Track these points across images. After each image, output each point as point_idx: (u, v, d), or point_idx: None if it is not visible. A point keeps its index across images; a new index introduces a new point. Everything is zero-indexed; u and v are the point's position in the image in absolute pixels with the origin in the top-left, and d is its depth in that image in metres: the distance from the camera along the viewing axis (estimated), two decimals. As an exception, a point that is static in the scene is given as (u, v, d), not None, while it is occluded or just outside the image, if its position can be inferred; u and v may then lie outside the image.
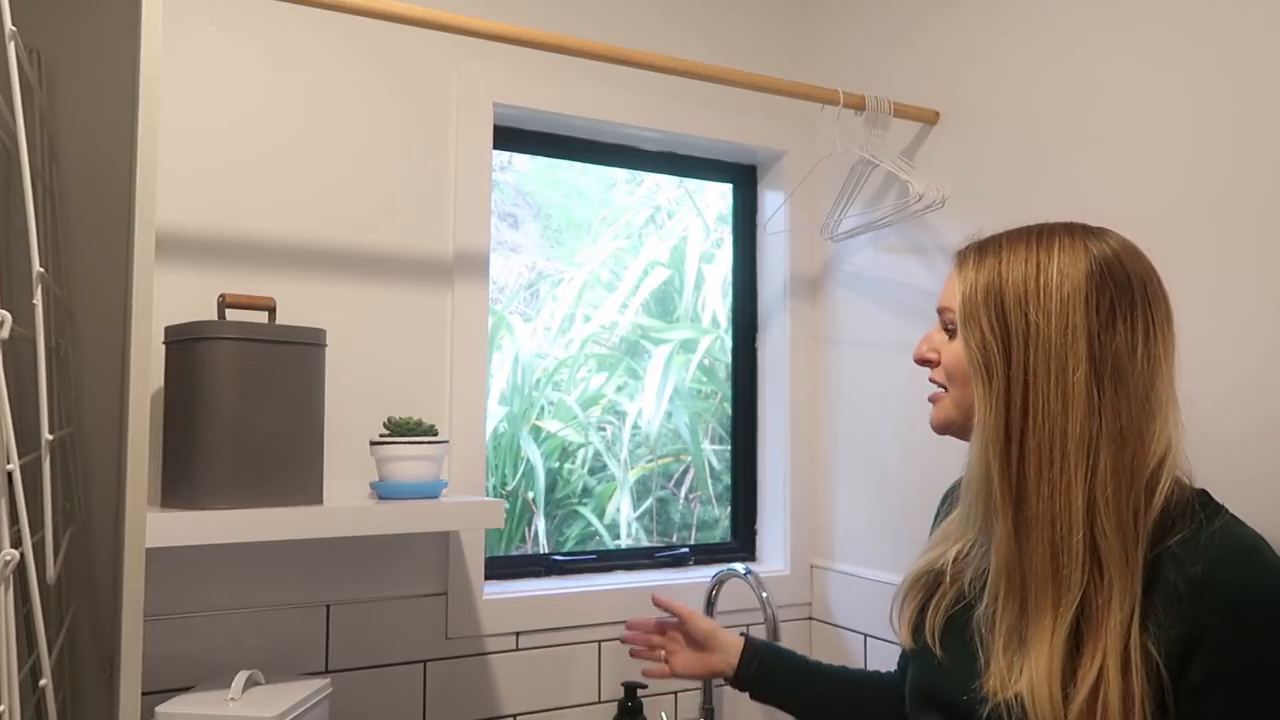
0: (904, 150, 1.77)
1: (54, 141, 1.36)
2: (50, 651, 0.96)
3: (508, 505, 1.74)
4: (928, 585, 1.04)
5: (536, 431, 2.07)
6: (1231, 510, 0.88)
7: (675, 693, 1.83)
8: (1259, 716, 0.79)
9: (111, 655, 1.21)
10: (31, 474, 0.91)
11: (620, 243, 2.18)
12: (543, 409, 2.08)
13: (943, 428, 1.03)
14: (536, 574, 1.84)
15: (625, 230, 2.19)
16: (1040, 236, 0.95)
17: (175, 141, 1.47)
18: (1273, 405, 1.21)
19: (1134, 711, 0.80)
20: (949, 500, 1.16)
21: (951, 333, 1.00)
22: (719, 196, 2.15)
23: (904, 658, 1.21)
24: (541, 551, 1.99)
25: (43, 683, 0.89)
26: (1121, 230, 1.38)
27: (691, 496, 2.20)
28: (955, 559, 1.01)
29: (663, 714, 1.75)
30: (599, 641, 1.76)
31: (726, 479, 2.10)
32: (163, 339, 1.38)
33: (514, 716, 1.68)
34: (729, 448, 2.10)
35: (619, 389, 2.17)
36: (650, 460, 2.18)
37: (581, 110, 1.79)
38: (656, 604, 1.43)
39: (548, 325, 2.08)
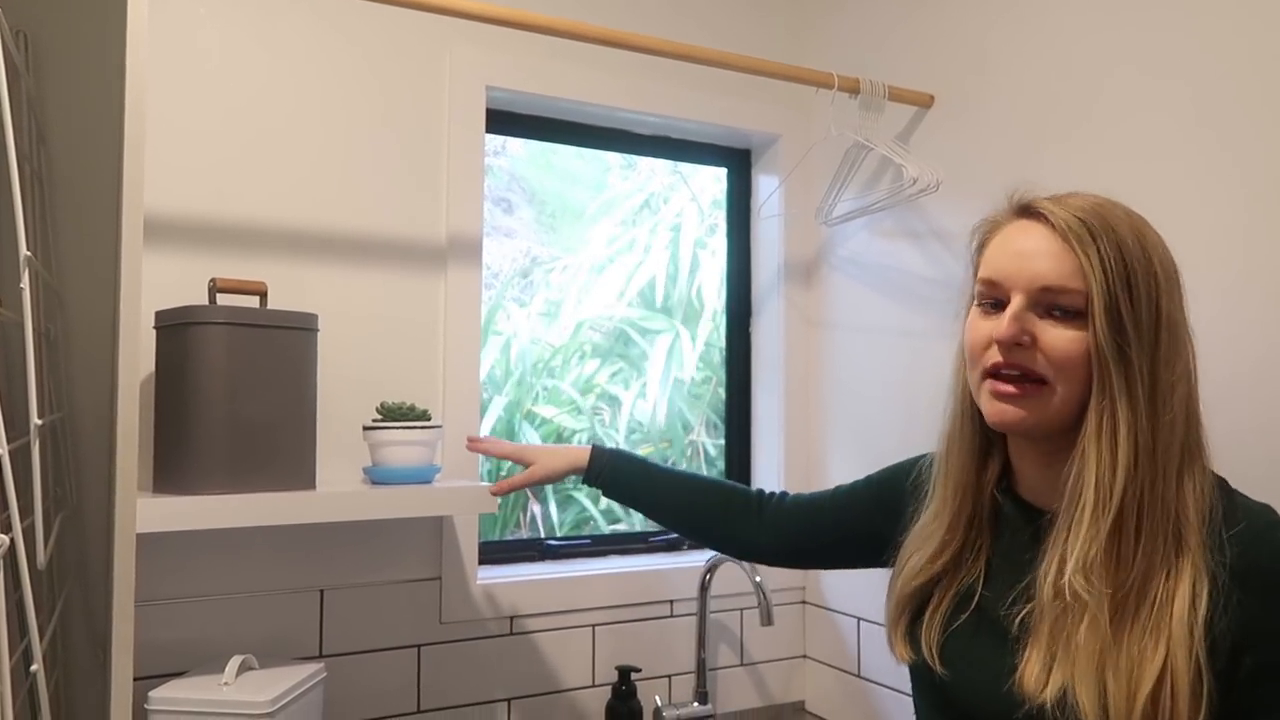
0: (899, 134, 1.76)
1: (41, 125, 1.35)
2: (42, 637, 0.96)
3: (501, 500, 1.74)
4: (918, 596, 0.98)
5: (532, 417, 2.07)
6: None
7: (669, 676, 1.83)
8: None
9: (104, 640, 1.22)
10: (21, 459, 0.91)
11: (614, 229, 2.17)
12: (538, 395, 2.08)
13: (1030, 429, 0.88)
14: (531, 558, 1.84)
15: (620, 215, 2.18)
16: (1129, 214, 0.88)
17: (166, 125, 1.46)
18: (1270, 389, 1.21)
19: (1201, 703, 0.77)
20: (915, 473, 1.08)
21: (1064, 318, 0.85)
22: (713, 181, 2.14)
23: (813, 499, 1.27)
24: (536, 536, 1.99)
25: (34, 668, 0.89)
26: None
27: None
28: (947, 568, 0.96)
29: (656, 698, 1.75)
30: (593, 625, 1.77)
31: (721, 464, 2.10)
32: (153, 324, 1.37)
33: (508, 700, 1.69)
34: (723, 434, 2.10)
35: (614, 375, 2.16)
36: (647, 445, 2.18)
37: (575, 94, 1.78)
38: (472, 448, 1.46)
39: (542, 311, 2.08)
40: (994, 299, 0.89)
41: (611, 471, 1.35)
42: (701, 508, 1.33)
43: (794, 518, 1.28)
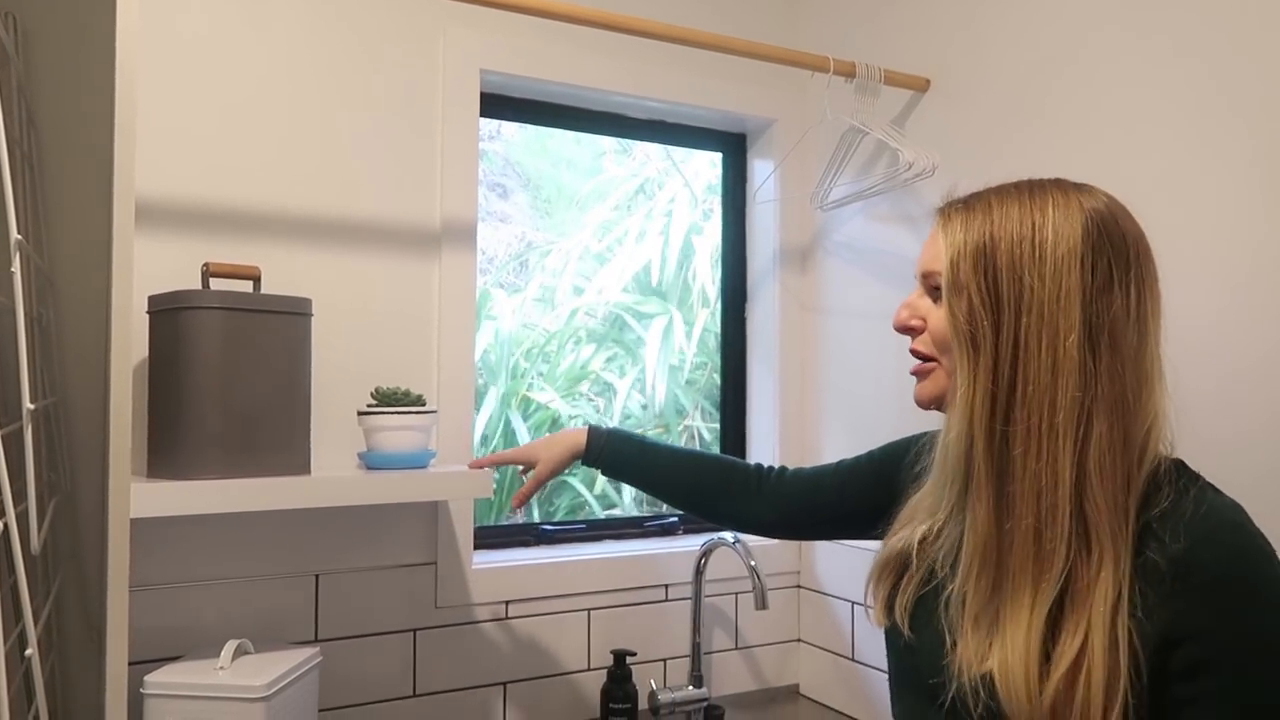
0: (894, 118, 1.76)
1: (32, 108, 1.34)
2: (37, 622, 0.96)
3: (497, 476, 1.74)
4: (899, 565, 0.99)
5: (526, 404, 2.07)
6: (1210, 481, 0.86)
7: (664, 660, 1.84)
8: (1248, 698, 0.77)
9: (99, 625, 1.22)
10: (14, 444, 0.91)
11: (609, 214, 2.16)
12: (531, 382, 2.08)
13: (933, 402, 0.95)
14: (526, 543, 1.84)
15: (614, 201, 2.18)
16: (1033, 194, 0.88)
17: (157, 108, 1.45)
18: (1257, 369, 1.21)
19: (1117, 692, 0.76)
20: (914, 450, 1.09)
21: (938, 299, 0.92)
22: (708, 166, 2.13)
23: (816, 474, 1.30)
24: (531, 521, 2.00)
25: (29, 652, 0.89)
26: (1121, 197, 1.38)
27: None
28: (924, 538, 0.97)
29: (651, 681, 1.76)
30: (588, 610, 1.77)
31: (716, 450, 2.10)
32: (146, 309, 1.37)
33: (504, 685, 1.69)
34: (718, 420, 2.10)
35: (608, 360, 2.16)
36: (641, 431, 2.19)
37: (570, 77, 1.77)
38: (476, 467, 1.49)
39: (537, 296, 2.07)
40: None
41: (610, 452, 1.38)
42: (702, 485, 1.35)
43: (795, 492, 1.31)
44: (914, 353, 0.95)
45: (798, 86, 1.98)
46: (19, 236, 0.84)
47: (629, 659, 1.70)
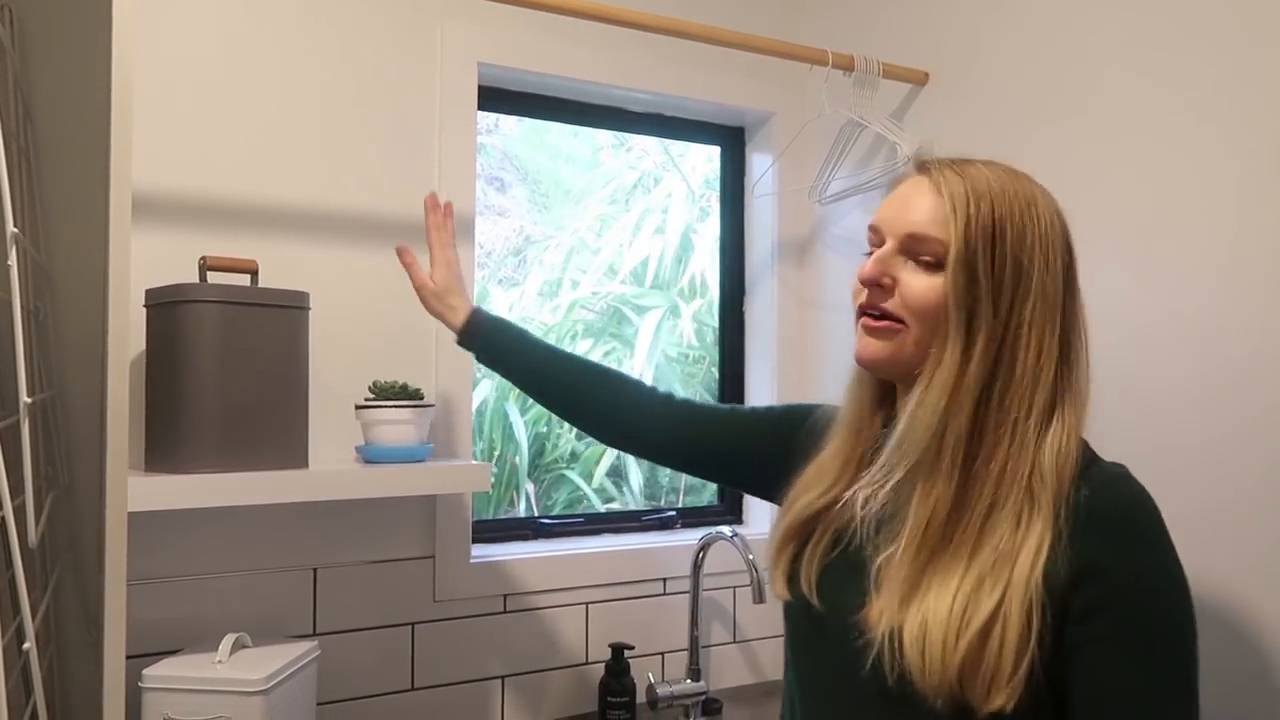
0: (893, 112, 1.76)
1: (28, 102, 1.34)
2: (35, 615, 0.96)
3: (495, 469, 1.75)
4: (802, 535, 0.98)
5: (524, 397, 2.07)
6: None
7: (663, 654, 1.84)
8: (1140, 633, 0.80)
9: (98, 619, 1.22)
10: (11, 438, 0.91)
11: (607, 208, 2.16)
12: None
13: (883, 365, 0.92)
14: (524, 537, 1.85)
15: (612, 195, 2.18)
16: (1017, 177, 0.89)
17: (155, 102, 1.45)
18: (1247, 363, 1.21)
19: (1028, 649, 0.78)
20: (813, 419, 1.08)
21: (927, 264, 0.88)
22: (705, 160, 2.13)
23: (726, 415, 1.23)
24: (530, 515, 2.00)
25: (27, 646, 0.89)
26: (1113, 189, 1.38)
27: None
28: (829, 505, 0.96)
29: (649, 675, 1.76)
30: (587, 604, 1.77)
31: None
32: (144, 302, 1.37)
33: (502, 678, 1.70)
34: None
35: (606, 355, 2.16)
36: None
37: (567, 70, 1.77)
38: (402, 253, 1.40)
39: (537, 290, 2.07)
40: (877, 245, 0.93)
41: (486, 337, 1.31)
42: (587, 387, 1.28)
43: (688, 417, 1.24)
44: (877, 309, 0.91)
45: (796, 80, 1.97)
46: (15, 230, 0.84)
47: (627, 652, 1.71)
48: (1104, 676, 0.80)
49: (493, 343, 1.32)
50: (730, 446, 1.21)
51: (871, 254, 0.93)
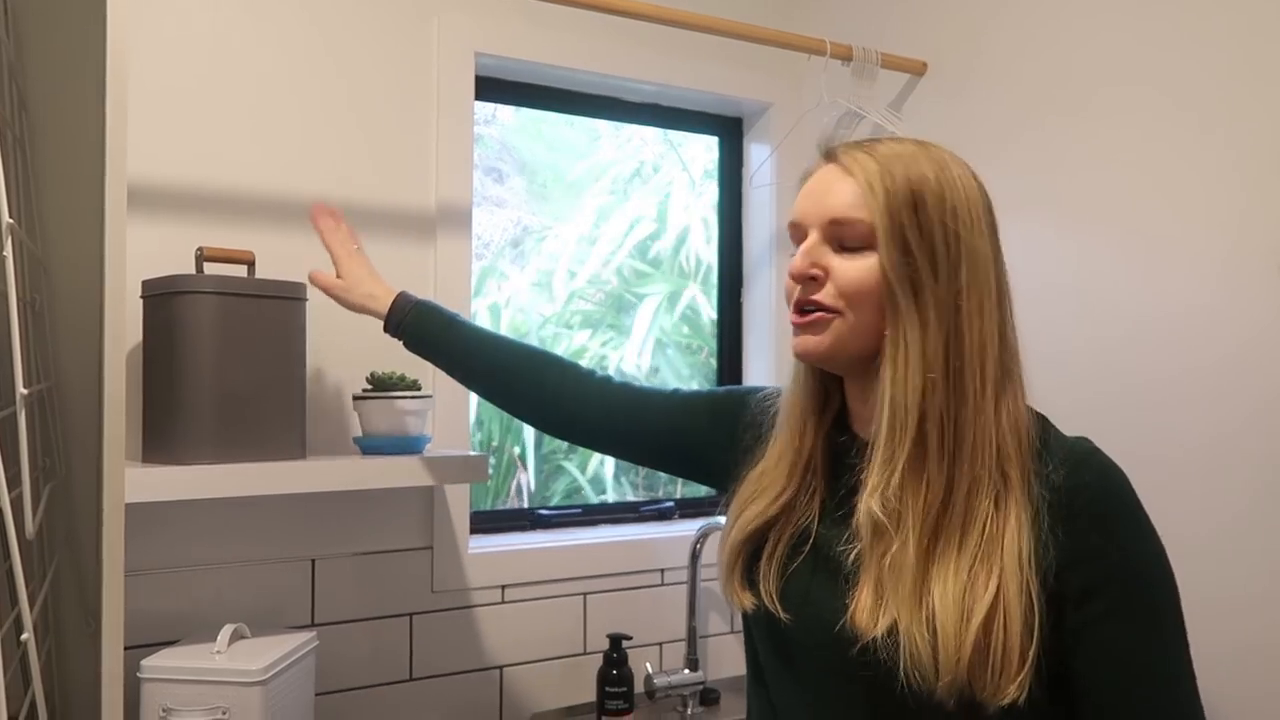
0: (891, 102, 1.75)
1: (23, 91, 1.33)
2: (32, 606, 0.96)
3: (493, 460, 1.75)
4: (752, 544, 0.95)
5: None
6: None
7: (660, 644, 1.85)
8: (1139, 604, 0.81)
9: (95, 609, 1.22)
10: (8, 429, 0.91)
11: (605, 198, 2.16)
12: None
13: (826, 358, 0.90)
14: (522, 528, 1.85)
15: (611, 185, 2.17)
16: (926, 147, 0.88)
17: (150, 92, 1.44)
18: (1266, 364, 1.21)
19: (1032, 636, 0.78)
20: (755, 405, 1.06)
21: (855, 248, 0.86)
22: (704, 150, 2.13)
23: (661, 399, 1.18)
24: (527, 506, 2.00)
25: (24, 636, 0.89)
26: (1115, 182, 1.38)
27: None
28: (785, 510, 0.93)
29: (647, 665, 1.77)
30: (584, 594, 1.78)
31: (712, 434, 2.10)
32: (140, 293, 1.36)
33: (500, 668, 1.70)
34: (714, 403, 2.10)
35: (604, 344, 2.16)
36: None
37: (565, 61, 1.76)
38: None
39: (534, 281, 2.07)
40: (800, 240, 0.91)
41: (412, 324, 1.27)
42: (519, 370, 1.23)
43: (624, 399, 1.20)
44: (811, 303, 0.89)
45: (794, 70, 1.97)
46: (11, 220, 0.83)
47: (625, 643, 1.71)
48: (1114, 654, 0.80)
49: (420, 329, 1.27)
50: (668, 426, 1.15)
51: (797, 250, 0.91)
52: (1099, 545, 0.80)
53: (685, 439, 1.14)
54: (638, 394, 1.20)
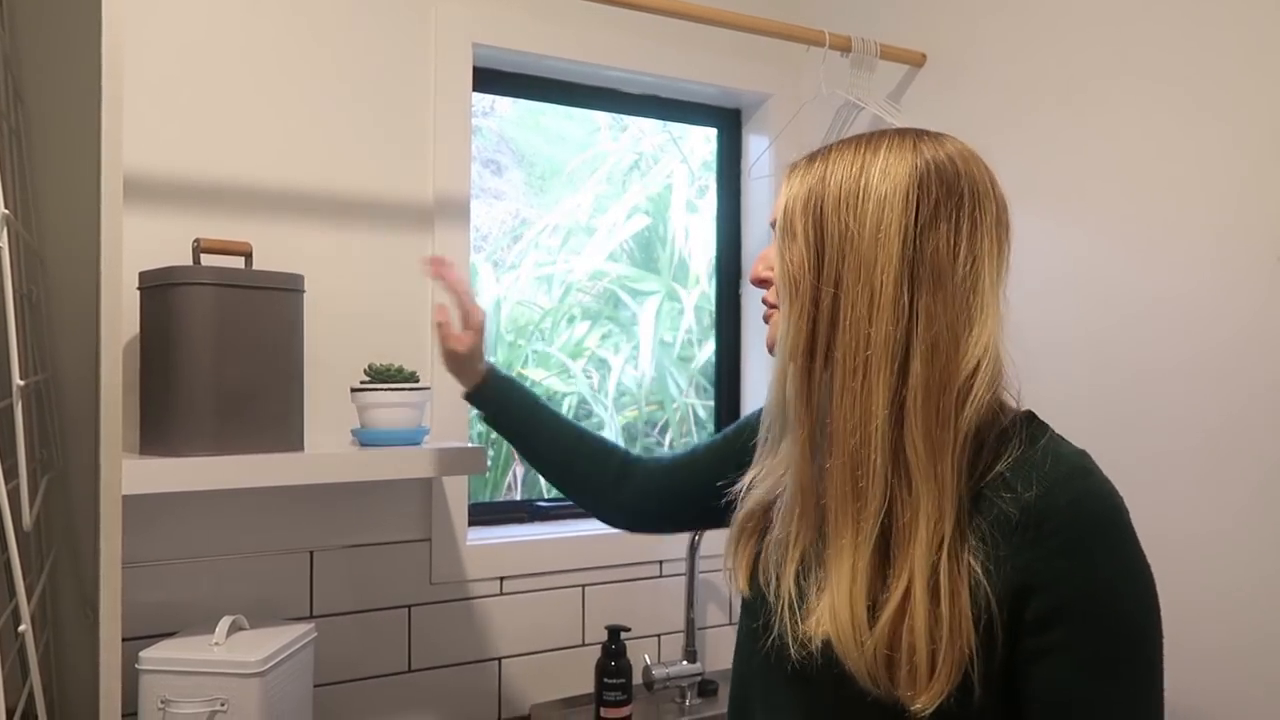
0: (890, 93, 1.75)
1: (19, 83, 1.32)
2: (30, 598, 0.96)
3: (491, 452, 1.75)
4: (758, 525, 0.95)
5: (521, 379, 2.06)
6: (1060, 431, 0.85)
7: (659, 635, 1.85)
8: (1100, 644, 0.76)
9: (94, 601, 1.22)
10: (4, 421, 0.91)
11: (603, 188, 2.15)
12: (527, 358, 2.08)
13: (771, 349, 0.95)
14: (520, 520, 1.85)
15: (609, 177, 2.17)
16: (870, 139, 0.87)
17: (147, 83, 1.44)
18: (1266, 353, 1.21)
19: (942, 636, 0.75)
20: (755, 427, 1.05)
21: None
22: (704, 142, 2.12)
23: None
24: (526, 498, 2.00)
25: (22, 628, 0.89)
26: (1114, 172, 1.38)
27: (678, 445, 2.21)
28: (774, 495, 0.94)
29: (645, 656, 1.77)
30: (583, 586, 1.78)
31: (711, 427, 2.10)
32: (137, 285, 1.36)
33: (499, 660, 1.70)
34: (713, 396, 2.10)
35: (603, 338, 2.16)
36: (634, 408, 2.19)
37: (563, 52, 1.76)
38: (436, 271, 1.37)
39: (532, 274, 2.07)
40: None
41: (497, 402, 1.32)
42: (574, 467, 1.29)
43: (658, 483, 1.25)
44: (764, 301, 0.98)
45: (793, 61, 1.96)
46: (6, 211, 0.83)
47: (623, 634, 1.71)
48: (1064, 688, 0.76)
49: (502, 408, 1.32)
50: (699, 488, 1.15)
51: None
52: (1063, 571, 0.76)
53: (711, 490, 1.10)
54: (667, 466, 1.25)
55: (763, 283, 0.97)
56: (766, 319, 0.97)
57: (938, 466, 0.78)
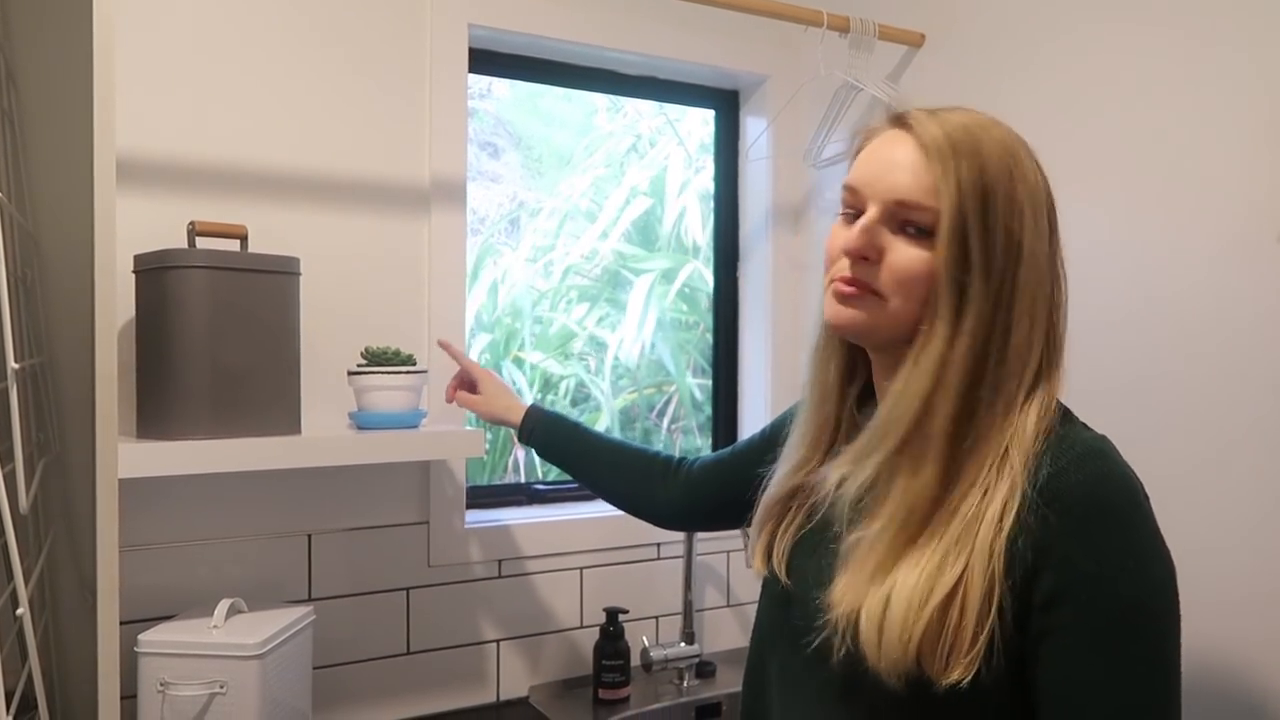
0: (889, 74, 1.74)
1: (10, 64, 1.31)
2: (28, 581, 0.96)
3: (489, 435, 1.75)
4: (780, 510, 0.95)
5: (519, 362, 2.06)
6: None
7: (656, 617, 1.86)
8: (1105, 627, 0.75)
9: (92, 584, 1.22)
10: (0, 404, 0.90)
11: (601, 171, 2.14)
12: (524, 341, 2.08)
13: (857, 334, 0.87)
14: (518, 503, 1.85)
15: (606, 159, 2.16)
16: (994, 123, 0.84)
17: (141, 65, 1.43)
18: (1238, 333, 1.21)
19: (988, 618, 0.75)
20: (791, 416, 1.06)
21: (916, 235, 0.82)
22: (701, 124, 2.11)
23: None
24: (524, 481, 2.00)
25: (20, 611, 0.89)
26: (1113, 153, 1.37)
27: (674, 427, 2.21)
28: (804, 481, 0.93)
29: (644, 638, 1.77)
30: (581, 568, 1.78)
31: (708, 409, 2.10)
32: (132, 268, 1.36)
33: (497, 642, 1.71)
34: (711, 378, 2.10)
35: (600, 320, 2.16)
36: (633, 391, 2.19)
37: (560, 33, 1.75)
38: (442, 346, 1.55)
39: (529, 256, 2.06)
40: (854, 208, 0.86)
41: (544, 434, 1.40)
42: (624, 478, 1.36)
43: (703, 479, 1.28)
44: (857, 282, 0.84)
45: (791, 42, 1.95)
46: (0, 194, 0.83)
47: (621, 616, 1.72)
48: (1068, 668, 0.75)
49: (550, 443, 1.40)
50: (746, 484, 1.13)
51: (844, 216, 0.87)
52: (1074, 550, 0.75)
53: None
54: (712, 468, 1.28)
55: (862, 259, 0.84)
56: (852, 296, 0.85)
57: (1021, 463, 0.78)
